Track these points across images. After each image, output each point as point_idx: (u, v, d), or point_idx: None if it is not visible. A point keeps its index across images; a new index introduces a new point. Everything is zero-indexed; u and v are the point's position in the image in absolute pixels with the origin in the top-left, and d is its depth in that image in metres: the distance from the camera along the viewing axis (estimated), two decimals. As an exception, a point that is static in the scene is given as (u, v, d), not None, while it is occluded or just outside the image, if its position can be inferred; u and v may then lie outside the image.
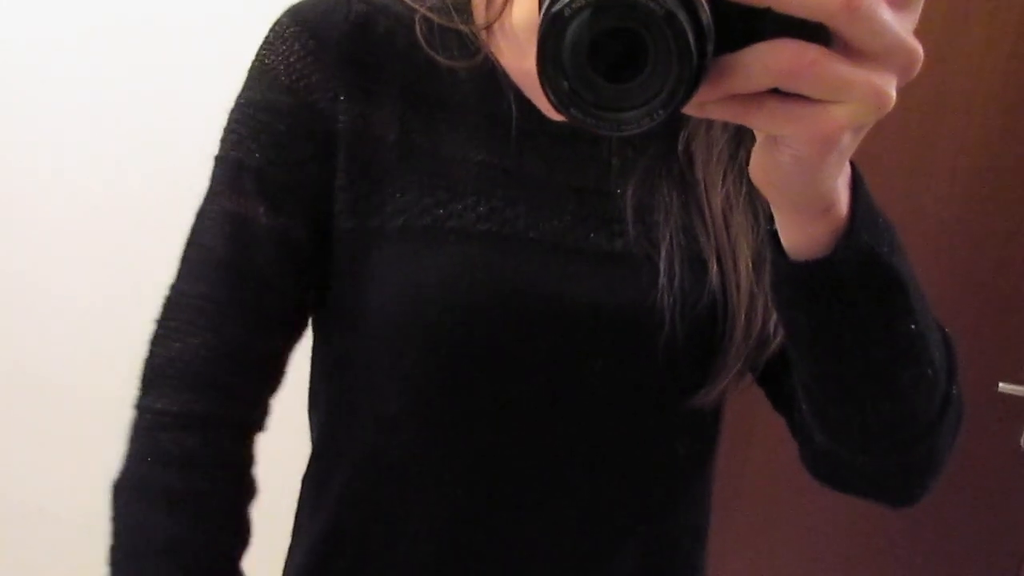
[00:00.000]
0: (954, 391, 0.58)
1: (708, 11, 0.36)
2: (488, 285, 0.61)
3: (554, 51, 0.35)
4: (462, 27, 0.66)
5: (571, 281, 0.63)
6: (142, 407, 0.65)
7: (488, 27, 0.66)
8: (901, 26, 0.38)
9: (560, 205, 0.64)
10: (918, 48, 0.39)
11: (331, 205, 0.64)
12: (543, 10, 0.35)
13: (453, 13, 0.66)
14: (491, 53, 0.66)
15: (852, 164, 0.47)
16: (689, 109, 0.39)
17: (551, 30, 0.35)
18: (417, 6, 0.66)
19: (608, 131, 0.36)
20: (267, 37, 0.64)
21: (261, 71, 0.63)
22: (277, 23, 0.64)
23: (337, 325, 0.69)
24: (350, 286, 0.65)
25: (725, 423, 0.75)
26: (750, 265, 0.63)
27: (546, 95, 0.36)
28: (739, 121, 0.40)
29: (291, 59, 0.62)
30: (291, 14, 0.64)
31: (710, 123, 0.66)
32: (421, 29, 0.65)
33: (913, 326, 0.51)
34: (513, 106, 0.65)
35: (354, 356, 0.67)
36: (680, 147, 0.67)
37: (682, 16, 0.34)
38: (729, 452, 0.76)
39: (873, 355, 0.51)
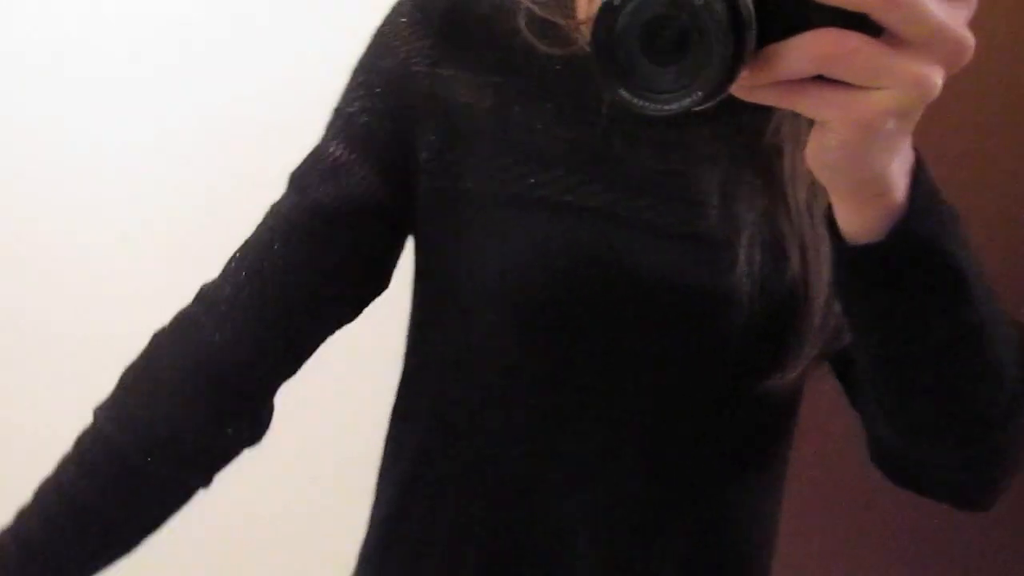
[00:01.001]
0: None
1: (750, 1, 0.38)
2: (569, 254, 0.65)
3: (605, 37, 0.39)
4: (560, 20, 0.70)
5: (650, 257, 0.66)
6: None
7: (587, 21, 0.70)
8: (949, 15, 0.39)
9: (644, 185, 0.67)
10: (966, 37, 0.40)
11: (414, 164, 0.69)
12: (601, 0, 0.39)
13: (554, 7, 0.71)
14: (587, 44, 0.69)
15: (917, 151, 0.48)
16: (740, 93, 0.42)
17: (603, 17, 0.39)
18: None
19: (652, 112, 0.39)
20: (388, 13, 0.72)
21: (376, 38, 0.72)
22: (397, 5, 0.72)
23: (420, 281, 0.74)
24: (437, 244, 0.71)
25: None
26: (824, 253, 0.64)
27: (598, 77, 0.40)
28: (785, 106, 0.42)
29: (399, 28, 0.70)
30: None
31: (796, 115, 0.67)
32: (524, 19, 0.70)
33: (974, 318, 0.51)
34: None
35: (436, 314, 0.73)
36: (767, 138, 0.69)
37: (719, 6, 0.37)
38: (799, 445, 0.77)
39: (929, 344, 0.52)
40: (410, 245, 0.76)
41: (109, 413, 0.70)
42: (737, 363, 0.67)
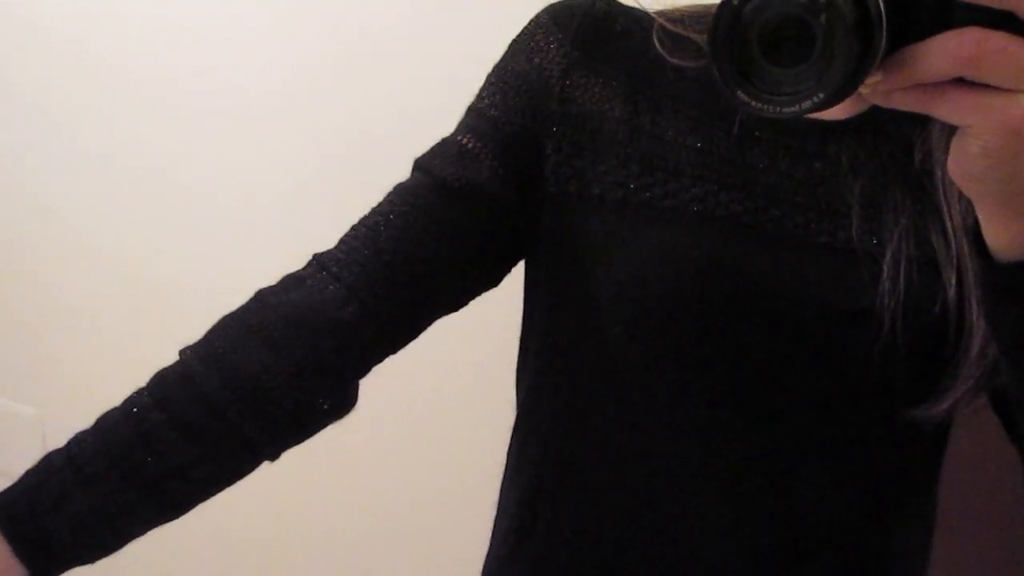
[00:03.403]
0: None
1: (881, 1, 0.36)
2: (696, 265, 0.64)
3: (724, 37, 0.38)
4: (694, 36, 0.70)
5: (785, 268, 0.63)
6: None
7: None
8: None
9: (780, 194, 0.65)
10: None
11: (539, 168, 0.70)
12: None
13: (688, 21, 0.71)
14: None
15: None
16: (875, 98, 0.40)
17: (722, 17, 0.38)
18: (656, 16, 0.71)
19: (769, 114, 0.38)
20: (526, 26, 0.74)
21: (512, 46, 0.74)
22: (536, 16, 0.74)
23: (547, 289, 0.73)
24: (562, 251, 0.70)
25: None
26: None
27: (716, 77, 0.39)
28: (924, 111, 0.40)
29: (535, 37, 0.72)
30: (546, 9, 0.74)
31: (952, 129, 0.63)
32: (658, 34, 0.70)
33: None
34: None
35: (559, 326, 0.72)
36: (918, 154, 0.65)
37: (846, 5, 0.35)
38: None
39: None
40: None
41: (197, 351, 0.67)
42: (879, 389, 0.63)
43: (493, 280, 0.75)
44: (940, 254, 0.62)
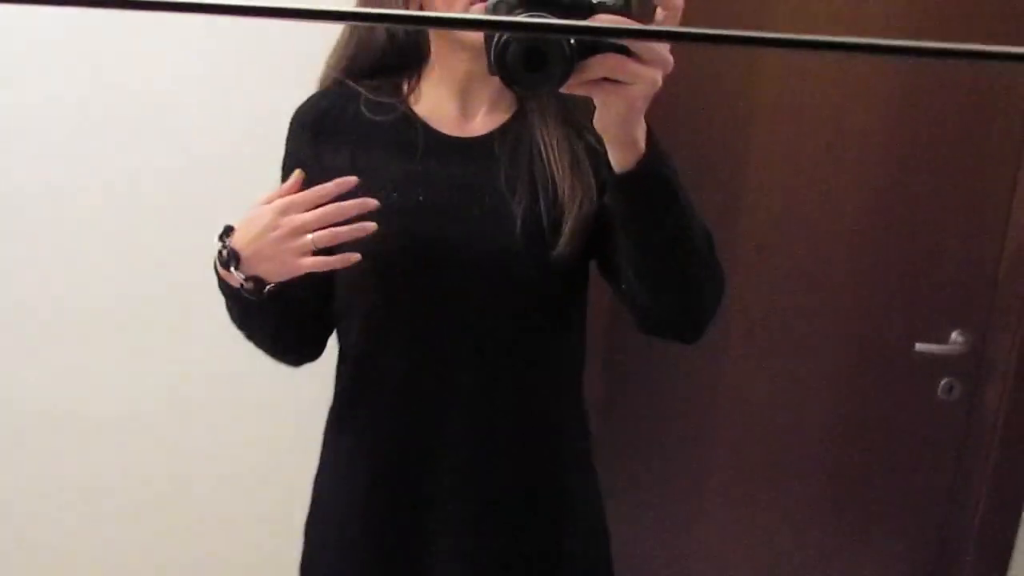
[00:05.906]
0: (714, 260, 0.99)
1: (572, 45, 0.75)
2: (394, 237, 1.04)
3: (500, 58, 0.74)
4: (388, 99, 1.10)
5: (454, 233, 1.05)
6: None
7: (410, 94, 1.11)
8: (662, 48, 0.79)
9: (450, 187, 1.06)
10: (670, 58, 0.79)
11: None
12: (495, 40, 0.74)
13: (384, 89, 1.11)
14: (407, 108, 1.10)
15: (648, 124, 0.87)
16: (568, 88, 0.79)
17: (498, 55, 0.74)
18: (361, 89, 1.10)
19: (527, 95, 0.77)
20: (288, 127, 1.13)
21: (286, 142, 1.13)
22: (291, 118, 1.13)
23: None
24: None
25: (690, 436, 1.17)
26: (576, 188, 1.05)
27: (501, 78, 0.75)
28: (589, 94, 0.80)
29: (290, 138, 1.13)
30: (295, 113, 1.13)
31: (544, 109, 1.06)
32: (362, 103, 1.10)
33: (682, 217, 0.92)
34: (421, 133, 1.08)
35: (346, 284, 1.13)
36: (534, 128, 1.08)
37: (558, 47, 0.74)
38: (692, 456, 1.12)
39: (666, 231, 0.92)
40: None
41: None
42: (527, 278, 1.07)
43: None
44: (543, 192, 1.05)
